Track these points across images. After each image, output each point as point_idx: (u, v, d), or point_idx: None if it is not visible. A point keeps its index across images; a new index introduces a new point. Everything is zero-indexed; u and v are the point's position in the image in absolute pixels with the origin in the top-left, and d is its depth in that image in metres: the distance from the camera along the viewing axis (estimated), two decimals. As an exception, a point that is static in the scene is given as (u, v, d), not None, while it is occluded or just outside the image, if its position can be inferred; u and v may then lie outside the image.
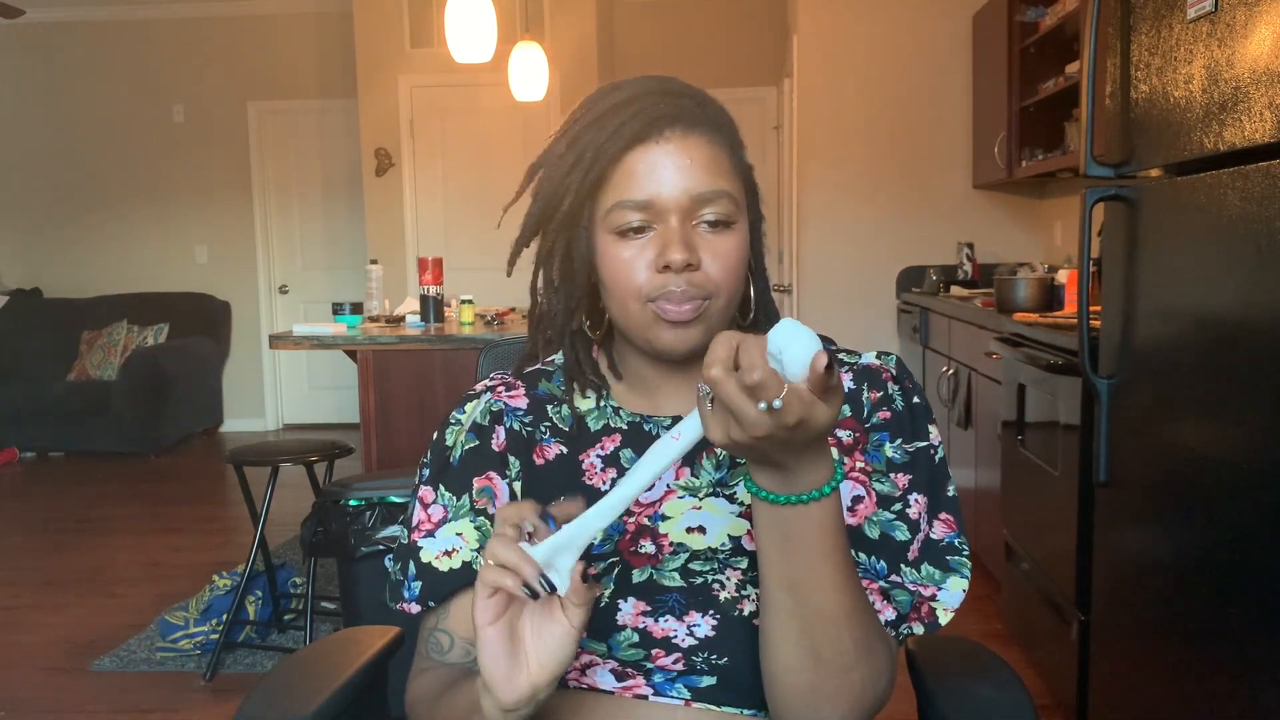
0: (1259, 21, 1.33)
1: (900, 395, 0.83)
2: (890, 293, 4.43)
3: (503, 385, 0.89)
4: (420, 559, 0.82)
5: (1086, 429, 2.01)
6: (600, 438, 0.85)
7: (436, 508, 0.84)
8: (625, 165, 0.77)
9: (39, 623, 3.10)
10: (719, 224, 0.76)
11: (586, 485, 0.83)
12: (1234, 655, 1.42)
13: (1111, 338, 1.84)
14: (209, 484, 4.99)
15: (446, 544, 0.82)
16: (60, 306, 6.12)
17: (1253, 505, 1.36)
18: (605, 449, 0.85)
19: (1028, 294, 2.91)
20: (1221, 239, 1.43)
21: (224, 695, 2.54)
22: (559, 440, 0.86)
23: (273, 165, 6.23)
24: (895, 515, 0.79)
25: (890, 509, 0.79)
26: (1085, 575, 2.04)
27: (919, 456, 0.81)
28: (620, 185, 0.77)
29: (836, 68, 4.32)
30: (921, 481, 0.80)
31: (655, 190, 0.76)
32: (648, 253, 0.76)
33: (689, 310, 0.75)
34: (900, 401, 0.83)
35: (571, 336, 0.86)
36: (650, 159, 0.76)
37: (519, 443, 0.86)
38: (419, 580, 0.82)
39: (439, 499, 0.84)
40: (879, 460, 0.81)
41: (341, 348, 3.01)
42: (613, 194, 0.77)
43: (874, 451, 0.81)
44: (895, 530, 0.78)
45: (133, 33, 6.15)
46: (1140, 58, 1.71)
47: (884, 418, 0.82)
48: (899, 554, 0.78)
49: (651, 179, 0.76)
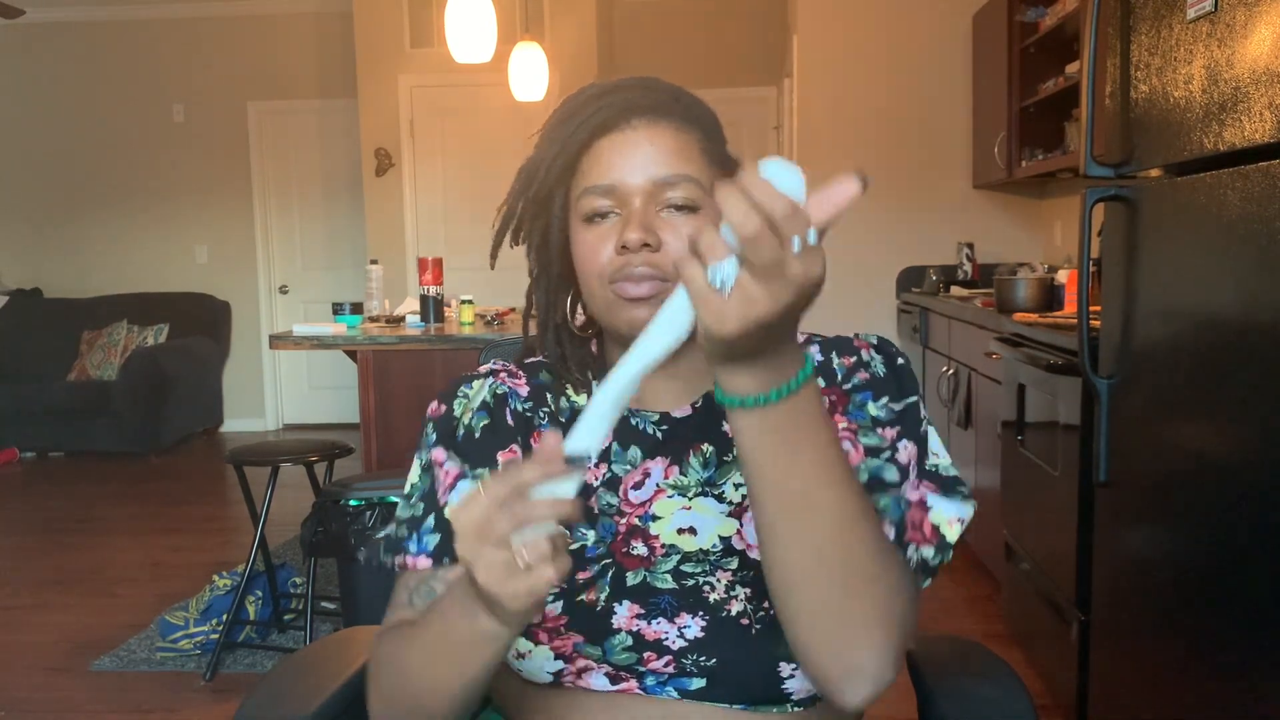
0: (1259, 21, 1.33)
1: (882, 361, 0.82)
2: (890, 292, 4.43)
3: (505, 372, 0.89)
4: (444, 514, 0.80)
5: (1086, 429, 2.00)
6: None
7: (452, 464, 0.83)
8: (594, 152, 0.78)
9: (39, 622, 3.10)
10: (685, 208, 0.76)
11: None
12: (1234, 655, 1.42)
13: (1111, 338, 1.84)
14: (209, 484, 4.99)
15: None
16: (60, 306, 6.12)
17: (1254, 505, 1.36)
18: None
19: (1028, 294, 2.91)
20: (1222, 239, 1.43)
21: (224, 695, 2.54)
22: (555, 429, 0.85)
23: (273, 165, 6.22)
24: (884, 461, 0.77)
25: (879, 457, 0.77)
26: (1085, 575, 2.04)
27: (907, 412, 0.79)
28: (589, 172, 0.78)
29: (837, 68, 4.32)
30: (911, 432, 0.79)
31: (620, 176, 0.77)
32: (612, 237, 0.77)
33: (646, 289, 0.75)
34: (882, 367, 0.82)
35: (556, 330, 0.86)
36: (616, 145, 0.77)
37: (521, 425, 0.86)
38: (437, 533, 0.80)
39: (449, 460, 0.84)
40: (863, 418, 0.79)
41: (341, 348, 3.01)
42: (582, 181, 0.78)
43: (856, 411, 0.80)
44: (885, 472, 0.76)
45: (132, 33, 6.15)
46: (1140, 58, 1.71)
47: (863, 378, 0.81)
48: (890, 491, 0.76)
49: (617, 165, 0.77)
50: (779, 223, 0.52)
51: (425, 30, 5.49)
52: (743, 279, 0.54)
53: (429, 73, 5.47)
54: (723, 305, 0.55)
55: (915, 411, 0.80)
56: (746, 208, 0.52)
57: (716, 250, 0.54)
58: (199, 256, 6.32)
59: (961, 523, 0.76)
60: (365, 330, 3.06)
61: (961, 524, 0.76)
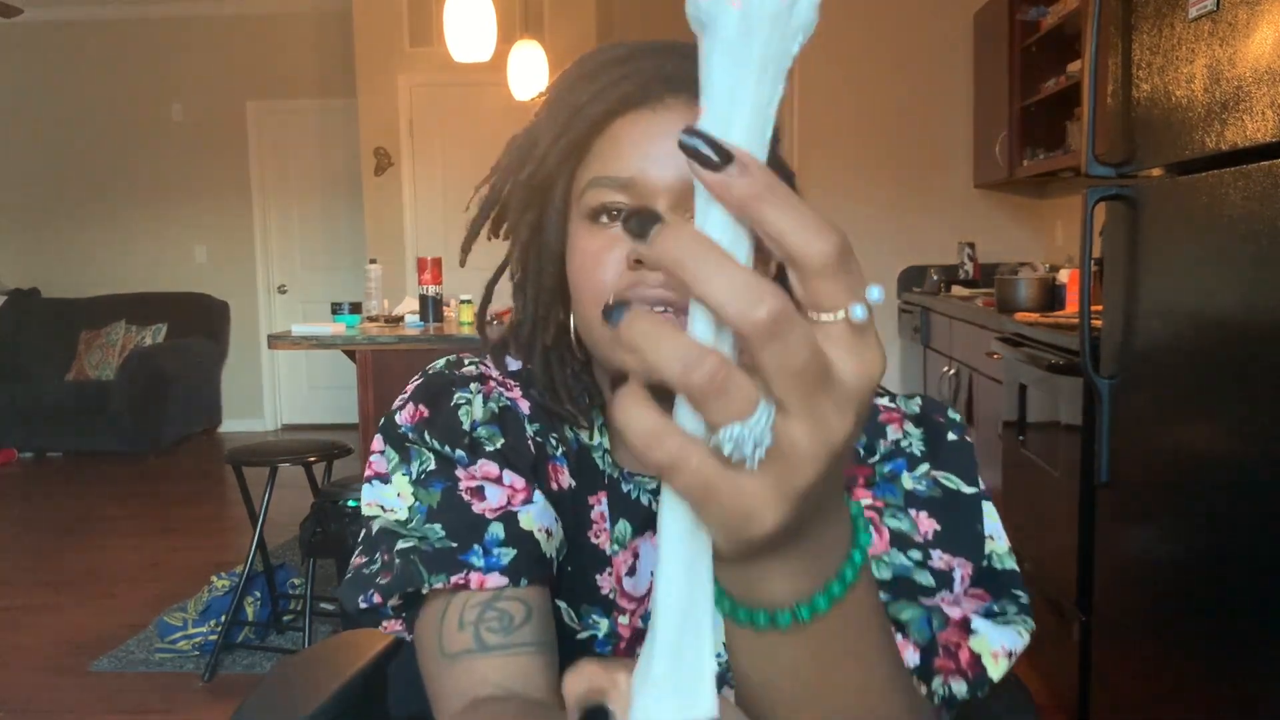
0: (1260, 21, 1.33)
1: (922, 438, 0.65)
2: (891, 292, 4.42)
3: (495, 380, 0.71)
4: (520, 525, 0.63)
5: (1088, 429, 2.00)
6: (604, 479, 0.70)
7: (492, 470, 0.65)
8: (611, 133, 0.61)
9: (37, 623, 3.09)
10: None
11: (591, 544, 0.68)
12: (1236, 656, 1.42)
13: (1113, 338, 1.84)
14: (207, 484, 4.98)
15: (544, 520, 0.64)
16: (58, 306, 6.11)
17: (1255, 505, 1.35)
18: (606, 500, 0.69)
19: (1029, 294, 2.91)
20: (1223, 238, 1.43)
21: (223, 696, 2.53)
22: (568, 465, 0.70)
23: (271, 165, 6.22)
24: (917, 563, 0.60)
25: (909, 554, 0.60)
26: (1086, 576, 2.04)
27: (960, 507, 0.61)
28: (602, 157, 0.62)
29: (837, 66, 4.31)
30: (962, 541, 0.60)
31: (643, 167, 0.60)
32: (623, 245, 0.60)
33: None
34: (921, 445, 0.64)
35: (545, 354, 0.68)
36: (641, 127, 0.61)
37: (539, 454, 0.68)
38: (512, 547, 0.62)
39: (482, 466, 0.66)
40: (894, 494, 0.62)
41: (340, 348, 3.00)
42: (592, 167, 0.62)
43: (885, 485, 0.63)
44: (916, 575, 0.59)
45: (131, 31, 6.14)
46: (1142, 57, 1.71)
47: (892, 444, 0.65)
48: (919, 600, 0.59)
49: (639, 153, 0.60)
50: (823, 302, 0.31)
51: (425, 29, 5.48)
52: (785, 432, 0.31)
53: (428, 72, 5.46)
54: (754, 489, 0.31)
55: (973, 510, 0.61)
56: (780, 314, 0.29)
57: (743, 403, 0.30)
58: (197, 256, 6.31)
59: (1010, 656, 0.57)
60: (364, 330, 3.05)
61: (1010, 658, 0.57)
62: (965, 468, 0.63)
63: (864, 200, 4.36)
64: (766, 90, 0.31)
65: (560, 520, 0.67)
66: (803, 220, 0.30)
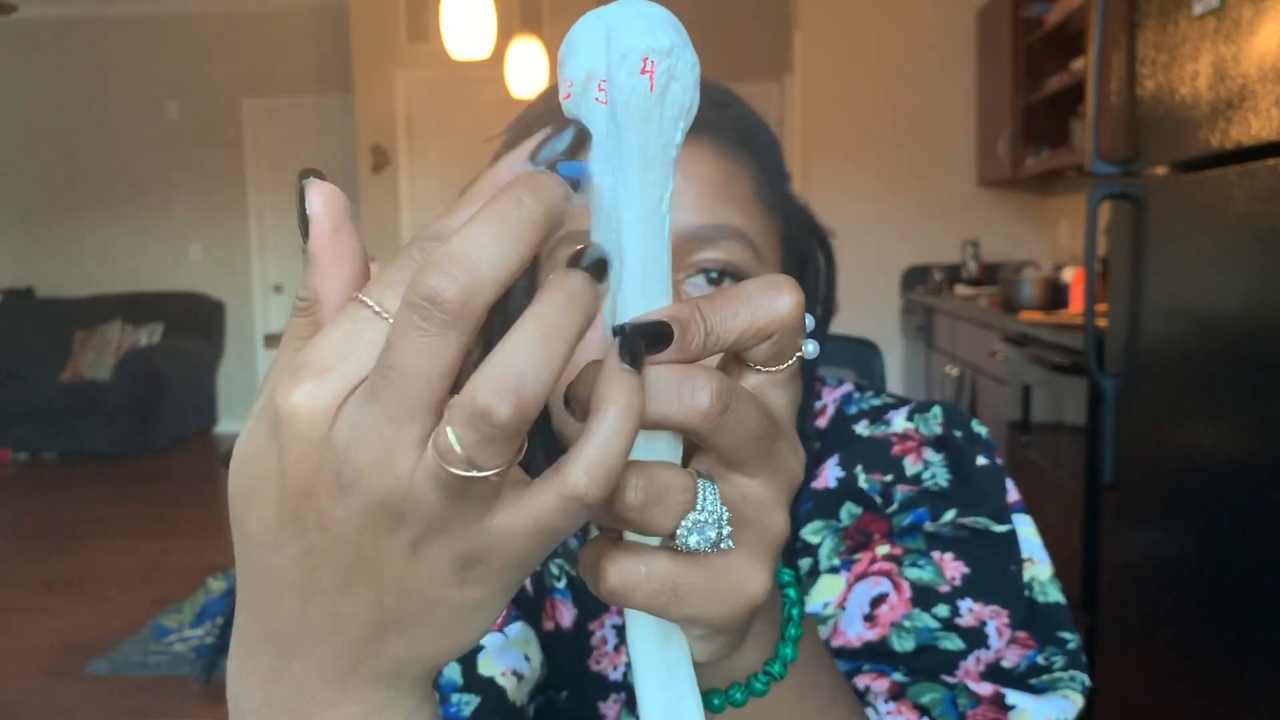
0: (1266, 18, 1.31)
1: (944, 465, 0.57)
2: (894, 291, 4.40)
3: None
4: (479, 671, 0.55)
5: (1093, 430, 1.99)
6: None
7: None
8: None
9: (32, 626, 3.07)
10: (724, 276, 0.51)
11: (592, 672, 0.61)
12: (1242, 658, 1.40)
13: (1118, 337, 1.83)
14: (203, 485, 4.96)
15: (508, 661, 0.56)
16: (53, 306, 6.09)
17: (1262, 507, 1.34)
18: (616, 615, 0.61)
19: (1033, 293, 2.89)
20: (1229, 237, 1.42)
21: (219, 699, 2.51)
22: (572, 595, 0.61)
23: (268, 162, 6.19)
24: (942, 623, 0.52)
25: (934, 610, 0.52)
26: (1091, 577, 2.03)
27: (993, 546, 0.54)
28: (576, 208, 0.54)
29: (839, 63, 4.29)
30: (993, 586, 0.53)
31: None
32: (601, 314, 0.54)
33: None
34: (945, 476, 0.57)
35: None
36: None
37: (536, 592, 0.60)
38: (474, 694, 0.54)
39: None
40: (916, 541, 0.55)
41: (337, 347, 2.98)
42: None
43: (905, 535, 0.56)
44: (942, 640, 0.52)
45: (125, 29, 6.11)
46: (1146, 54, 1.69)
47: (911, 484, 0.58)
48: (942, 675, 0.51)
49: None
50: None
51: (422, 25, 5.45)
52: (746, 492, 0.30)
53: (426, 68, 5.44)
54: (732, 558, 0.30)
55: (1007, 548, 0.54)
56: (704, 386, 0.28)
57: (681, 495, 0.29)
58: (193, 255, 6.29)
59: None
60: (361, 330, 3.03)
61: None
62: (997, 501, 0.56)
63: (866, 199, 4.33)
64: (653, 189, 0.29)
65: (556, 657, 0.61)
66: (753, 303, 0.29)
